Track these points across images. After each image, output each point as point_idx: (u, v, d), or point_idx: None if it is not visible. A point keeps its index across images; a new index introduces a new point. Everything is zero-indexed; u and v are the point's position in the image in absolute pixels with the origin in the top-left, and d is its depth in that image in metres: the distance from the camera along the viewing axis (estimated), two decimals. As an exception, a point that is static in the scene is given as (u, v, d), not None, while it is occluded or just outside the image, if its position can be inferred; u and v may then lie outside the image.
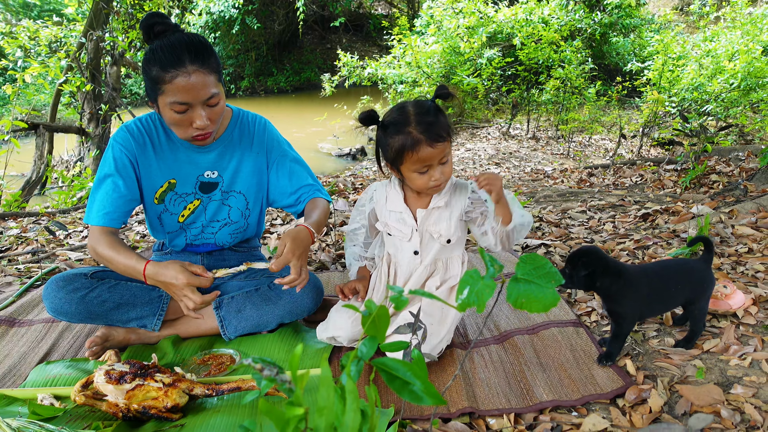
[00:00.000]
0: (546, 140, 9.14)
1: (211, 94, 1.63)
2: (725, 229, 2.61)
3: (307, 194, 1.97)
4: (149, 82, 1.63)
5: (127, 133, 1.80)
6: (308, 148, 9.84)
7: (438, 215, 1.74)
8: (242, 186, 1.96)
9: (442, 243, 1.76)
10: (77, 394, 1.48)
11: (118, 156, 1.78)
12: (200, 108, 1.64)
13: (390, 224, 1.78)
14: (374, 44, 18.48)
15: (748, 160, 4.46)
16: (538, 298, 0.87)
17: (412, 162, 1.60)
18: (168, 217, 1.93)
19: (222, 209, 1.97)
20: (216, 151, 1.89)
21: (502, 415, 1.46)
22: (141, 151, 1.81)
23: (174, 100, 1.59)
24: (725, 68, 7.74)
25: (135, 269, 1.68)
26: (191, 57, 1.58)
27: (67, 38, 6.62)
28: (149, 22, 1.64)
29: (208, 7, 13.92)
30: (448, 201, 1.74)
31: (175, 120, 1.65)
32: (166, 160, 1.85)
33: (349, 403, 0.71)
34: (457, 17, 9.97)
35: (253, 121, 1.97)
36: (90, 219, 1.77)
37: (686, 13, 14.52)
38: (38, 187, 5.90)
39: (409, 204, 1.77)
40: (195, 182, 1.90)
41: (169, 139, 1.84)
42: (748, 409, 1.40)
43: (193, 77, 1.58)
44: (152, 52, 1.60)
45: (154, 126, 1.83)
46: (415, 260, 1.79)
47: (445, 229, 1.74)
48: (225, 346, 1.89)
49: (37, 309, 2.26)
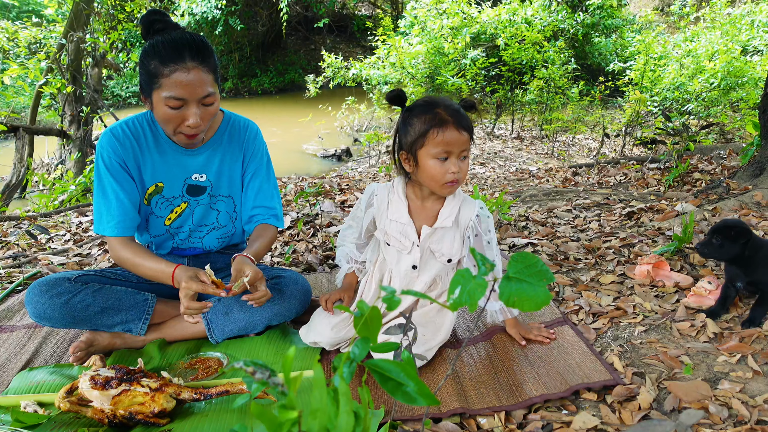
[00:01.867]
0: (530, 140, 9.19)
1: (207, 92, 1.63)
2: (708, 226, 2.63)
3: (261, 217, 1.96)
4: (146, 76, 1.62)
5: (113, 137, 1.77)
6: (292, 149, 9.79)
7: (442, 234, 1.69)
8: (230, 189, 1.94)
9: (443, 262, 1.72)
10: (62, 401, 1.46)
11: (108, 162, 1.76)
12: (195, 106, 1.63)
13: (390, 233, 1.72)
14: (358, 45, 18.46)
15: (730, 158, 4.52)
16: (530, 297, 0.87)
17: (435, 144, 1.53)
18: (154, 220, 1.90)
19: (210, 213, 1.95)
20: (205, 154, 1.87)
21: (493, 414, 1.46)
22: (129, 153, 1.78)
23: (170, 94, 1.59)
24: (705, 68, 7.85)
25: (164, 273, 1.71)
26: (192, 54, 1.59)
27: (47, 39, 6.53)
28: (150, 18, 1.64)
29: (190, 8, 13.82)
30: (455, 219, 1.68)
31: (168, 116, 1.63)
32: (153, 163, 1.83)
33: (342, 405, 0.70)
34: (440, 18, 9.98)
35: (245, 126, 1.96)
36: (103, 230, 1.77)
37: (666, 13, 14.69)
38: (18, 191, 5.80)
39: (413, 217, 1.70)
40: (182, 185, 1.88)
41: (157, 142, 1.82)
42: (735, 405, 1.41)
43: (192, 74, 1.58)
44: (152, 46, 1.60)
45: (141, 128, 1.81)
46: (412, 274, 1.74)
47: (448, 248, 1.69)
48: (212, 349, 1.87)
49: (19, 314, 2.22)
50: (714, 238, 1.79)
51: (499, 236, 2.89)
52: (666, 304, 1.99)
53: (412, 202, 1.71)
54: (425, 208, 1.70)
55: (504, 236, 2.89)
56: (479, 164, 7.34)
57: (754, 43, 9.43)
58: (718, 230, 1.79)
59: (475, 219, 1.66)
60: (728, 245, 1.77)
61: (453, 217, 1.66)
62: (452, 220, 1.66)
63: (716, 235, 1.79)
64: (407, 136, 1.59)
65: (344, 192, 4.69)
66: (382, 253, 1.82)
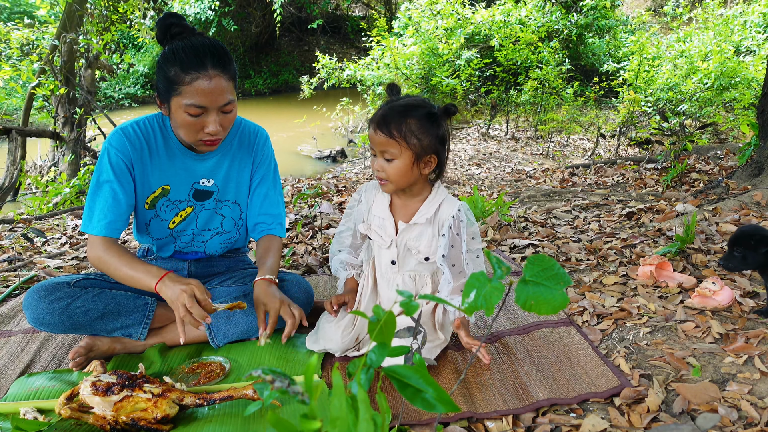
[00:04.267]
0: (525, 140, 9.20)
1: (228, 100, 1.62)
2: (710, 226, 2.64)
3: (266, 226, 1.95)
4: (165, 82, 1.59)
5: (124, 136, 1.74)
6: (287, 150, 9.76)
7: (420, 231, 1.68)
8: (237, 195, 1.93)
9: (420, 260, 1.70)
10: (62, 407, 1.43)
11: (114, 161, 1.72)
12: (215, 113, 1.61)
13: (372, 227, 1.74)
14: (352, 46, 18.44)
15: (727, 158, 4.53)
16: (547, 300, 0.86)
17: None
18: (158, 223, 1.87)
19: (214, 218, 1.93)
20: (214, 159, 1.85)
21: (501, 418, 1.45)
22: (138, 155, 1.75)
23: (191, 102, 1.57)
24: (699, 68, 7.89)
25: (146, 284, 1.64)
26: (213, 61, 1.57)
27: (40, 41, 6.47)
28: (167, 22, 1.61)
29: (183, 9, 13.75)
30: (432, 217, 1.67)
31: (187, 123, 1.61)
32: (161, 166, 1.80)
33: (361, 412, 0.68)
34: (435, 19, 9.99)
35: (254, 132, 1.94)
36: (91, 228, 1.72)
37: (659, 14, 14.76)
38: (11, 194, 5.75)
39: (394, 213, 1.71)
40: (189, 189, 1.86)
41: (167, 145, 1.80)
42: (744, 406, 1.41)
43: (214, 82, 1.57)
44: (172, 52, 1.58)
45: (152, 130, 1.78)
46: (392, 269, 1.74)
47: (425, 247, 1.67)
48: (214, 353, 1.84)
49: (16, 319, 2.19)
50: (735, 250, 1.72)
51: (500, 237, 2.88)
52: (670, 305, 1.98)
53: (394, 199, 1.72)
54: (406, 205, 1.71)
55: (504, 237, 2.88)
56: (475, 165, 7.34)
57: (746, 44, 9.49)
58: (738, 241, 1.72)
59: (451, 219, 1.64)
60: (751, 255, 1.70)
61: (430, 215, 1.66)
62: (427, 218, 1.66)
63: (736, 246, 1.72)
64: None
65: (342, 193, 4.68)
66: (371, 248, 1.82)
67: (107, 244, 1.72)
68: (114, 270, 1.70)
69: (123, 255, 1.71)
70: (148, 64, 15.63)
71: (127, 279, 1.69)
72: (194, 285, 1.60)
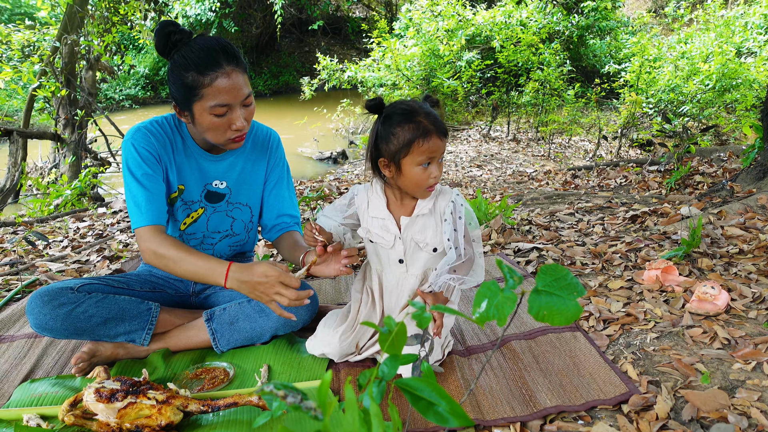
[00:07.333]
0: (526, 142, 9.19)
1: (247, 93, 1.63)
2: (715, 230, 2.62)
3: (285, 226, 1.96)
4: (183, 90, 1.59)
5: (148, 132, 1.73)
6: (288, 152, 9.65)
7: (423, 223, 1.66)
8: (249, 198, 1.92)
9: (429, 252, 1.68)
10: (66, 414, 1.42)
11: (144, 155, 1.70)
12: (238, 108, 1.62)
13: (372, 231, 1.71)
14: (353, 47, 18.44)
15: (730, 160, 4.52)
16: (560, 310, 0.84)
17: (419, 153, 1.54)
18: (171, 223, 1.87)
19: (225, 221, 1.92)
20: (227, 161, 1.85)
21: (508, 425, 1.43)
22: (163, 150, 1.75)
23: (216, 102, 1.57)
24: (700, 70, 7.88)
25: (213, 270, 1.60)
26: (227, 57, 1.57)
27: (41, 42, 6.47)
28: (166, 30, 1.59)
29: (184, 11, 13.75)
30: (432, 207, 1.67)
31: (214, 124, 1.61)
32: (180, 164, 1.80)
33: (374, 427, 0.67)
34: (436, 20, 9.98)
35: (267, 134, 1.95)
36: (142, 221, 1.67)
37: (660, 15, 14.75)
38: (12, 195, 5.74)
39: (391, 210, 1.70)
40: (202, 191, 1.85)
41: (185, 145, 1.80)
42: (754, 414, 1.39)
43: (232, 77, 1.57)
44: (184, 58, 1.57)
45: (170, 129, 1.78)
46: (400, 269, 1.72)
47: (432, 237, 1.66)
48: (218, 358, 1.83)
49: (18, 323, 2.18)
50: None
51: (504, 240, 2.86)
52: (676, 310, 1.97)
53: (392, 198, 1.71)
54: (403, 204, 1.70)
55: (508, 240, 2.86)
56: (476, 167, 7.33)
57: (748, 45, 9.48)
58: None
59: (451, 205, 1.65)
60: None
61: (431, 205, 1.67)
62: (429, 208, 1.66)
63: None
64: (389, 145, 1.58)
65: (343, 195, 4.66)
66: (368, 259, 1.79)
67: (159, 235, 1.67)
68: (173, 266, 1.65)
69: (179, 247, 1.66)
70: (149, 66, 15.64)
71: (189, 274, 1.65)
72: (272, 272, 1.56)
